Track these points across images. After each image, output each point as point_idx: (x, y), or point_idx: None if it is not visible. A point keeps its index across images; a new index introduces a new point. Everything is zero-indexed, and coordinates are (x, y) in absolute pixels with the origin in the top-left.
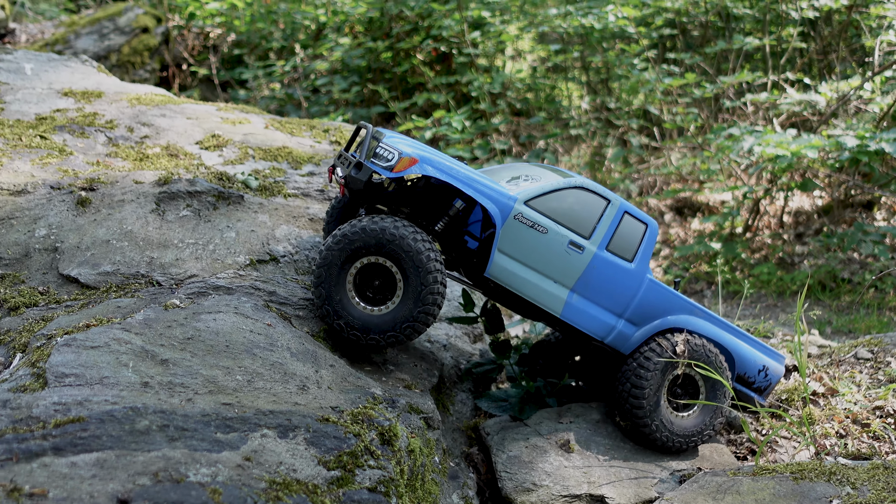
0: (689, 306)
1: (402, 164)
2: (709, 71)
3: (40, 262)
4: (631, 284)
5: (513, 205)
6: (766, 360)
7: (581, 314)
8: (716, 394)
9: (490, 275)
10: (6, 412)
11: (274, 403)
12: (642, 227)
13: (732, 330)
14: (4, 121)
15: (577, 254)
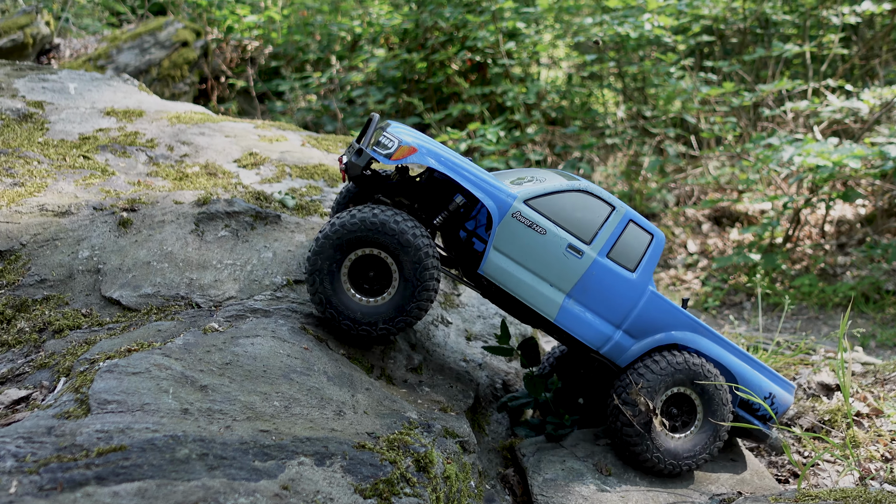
0: (692, 323)
1: (400, 153)
2: (747, 78)
3: (83, 284)
4: (631, 295)
5: (511, 202)
6: (773, 388)
7: (576, 321)
8: (714, 417)
9: (484, 272)
10: (51, 439)
11: (311, 430)
12: (647, 238)
13: (738, 353)
14: (49, 141)
15: (576, 258)
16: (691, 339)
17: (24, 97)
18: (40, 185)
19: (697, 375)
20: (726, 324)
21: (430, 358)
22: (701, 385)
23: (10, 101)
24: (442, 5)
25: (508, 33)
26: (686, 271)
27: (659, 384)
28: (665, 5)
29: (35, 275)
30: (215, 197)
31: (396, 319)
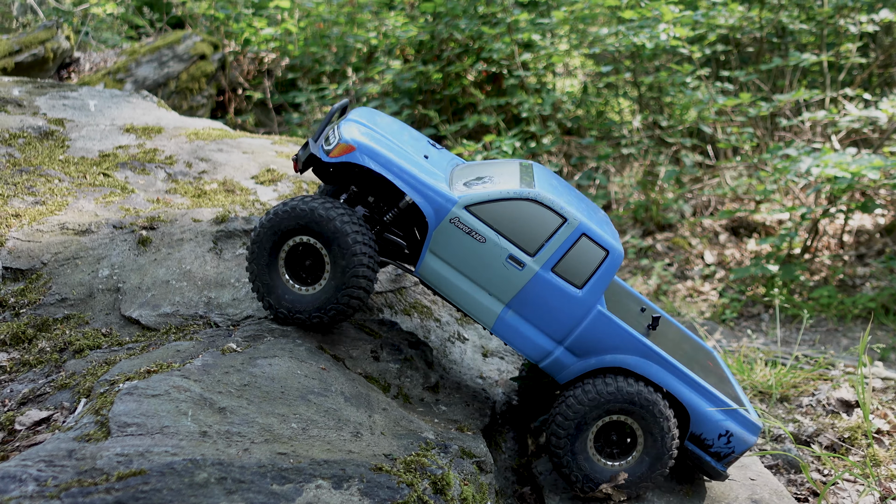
0: (643, 348)
1: (337, 150)
2: (764, 88)
3: (103, 303)
4: (574, 312)
5: (450, 207)
6: (732, 427)
7: (514, 332)
8: (657, 447)
9: (420, 274)
10: (72, 463)
11: (328, 452)
12: (601, 254)
13: (696, 385)
14: (70, 158)
15: (516, 270)
16: (639, 365)
17: (45, 114)
18: (61, 203)
19: (634, 405)
20: (744, 336)
21: (446, 376)
22: (639, 414)
23: (31, 119)
24: (457, 17)
25: (524, 44)
26: (703, 282)
27: (588, 412)
28: (681, 16)
29: (56, 294)
30: (233, 215)
31: (328, 307)
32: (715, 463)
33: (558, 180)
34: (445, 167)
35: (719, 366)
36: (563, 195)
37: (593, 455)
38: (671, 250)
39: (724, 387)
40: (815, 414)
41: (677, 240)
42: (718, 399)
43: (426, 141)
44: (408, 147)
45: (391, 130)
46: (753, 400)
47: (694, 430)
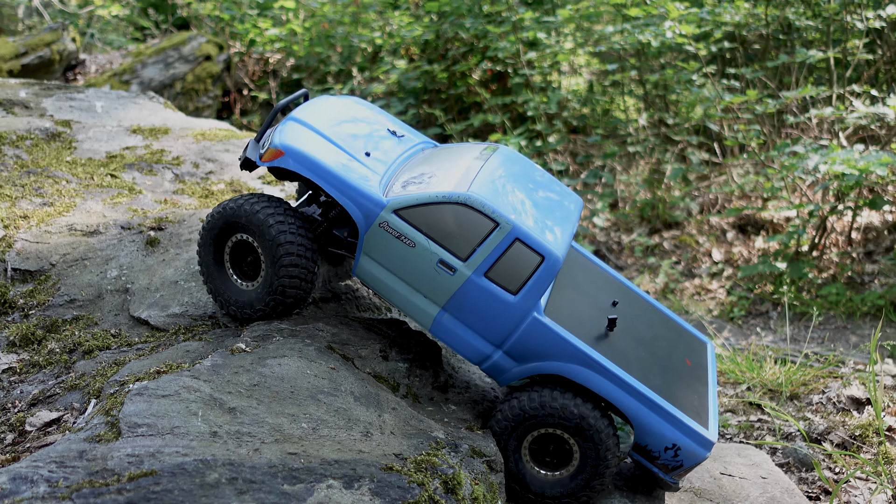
0: (582, 357)
1: (268, 154)
2: (770, 84)
3: (112, 304)
4: (509, 318)
5: (379, 212)
6: (680, 439)
7: (451, 335)
8: (593, 458)
9: (357, 276)
10: (83, 464)
11: (339, 452)
12: (536, 259)
13: (639, 395)
14: (77, 160)
15: (448, 274)
16: (577, 374)
17: (52, 116)
18: (69, 204)
19: (561, 419)
20: (752, 334)
21: (455, 375)
22: (570, 428)
23: (38, 121)
24: (462, 16)
25: (529, 43)
26: (711, 280)
27: (515, 426)
28: (687, 13)
29: (65, 295)
30: None
31: (267, 299)
32: (663, 475)
33: (523, 168)
34: (395, 162)
35: (701, 365)
36: (516, 190)
37: (529, 465)
38: (678, 248)
39: (690, 393)
40: (825, 412)
41: (684, 238)
42: (665, 411)
43: (386, 130)
44: (349, 145)
45: (338, 124)
46: (763, 397)
47: (639, 441)
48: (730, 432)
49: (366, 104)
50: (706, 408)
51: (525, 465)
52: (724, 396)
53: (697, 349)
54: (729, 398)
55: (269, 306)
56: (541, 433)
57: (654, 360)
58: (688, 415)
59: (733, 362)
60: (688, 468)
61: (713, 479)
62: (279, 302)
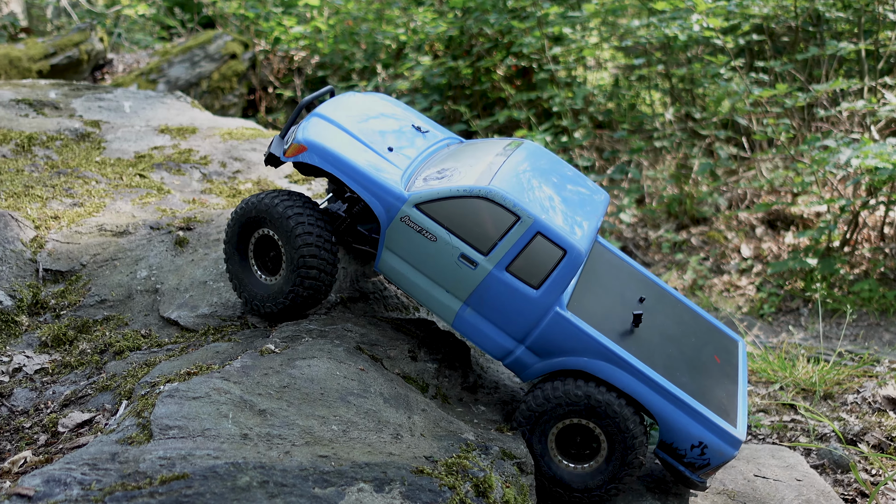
0: (605, 352)
1: (291, 150)
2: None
3: (142, 304)
4: (531, 313)
5: (400, 206)
6: (706, 437)
7: (474, 330)
8: (624, 452)
9: (379, 270)
10: (115, 466)
11: (369, 455)
12: (558, 253)
13: (664, 392)
14: (106, 160)
15: (469, 269)
16: (601, 369)
17: (82, 116)
18: (98, 204)
19: (586, 408)
20: (783, 331)
21: (484, 375)
22: (607, 424)
23: (68, 121)
24: (487, 12)
25: (554, 38)
26: (740, 277)
27: (540, 416)
28: (714, 6)
29: (95, 295)
30: None
31: (287, 293)
32: (690, 473)
33: (547, 163)
34: (418, 157)
35: (731, 363)
36: (540, 184)
37: (555, 457)
38: (706, 244)
39: (718, 390)
40: (860, 412)
41: (712, 233)
42: (691, 408)
43: (411, 125)
44: (372, 140)
45: (362, 121)
46: (796, 397)
47: (664, 439)
48: (763, 433)
49: (391, 100)
50: (735, 406)
51: (552, 458)
52: (756, 396)
53: (728, 346)
54: (761, 398)
55: (288, 299)
56: (567, 424)
57: (681, 357)
58: (715, 412)
59: (765, 361)
60: (715, 467)
61: (747, 481)
62: (298, 294)
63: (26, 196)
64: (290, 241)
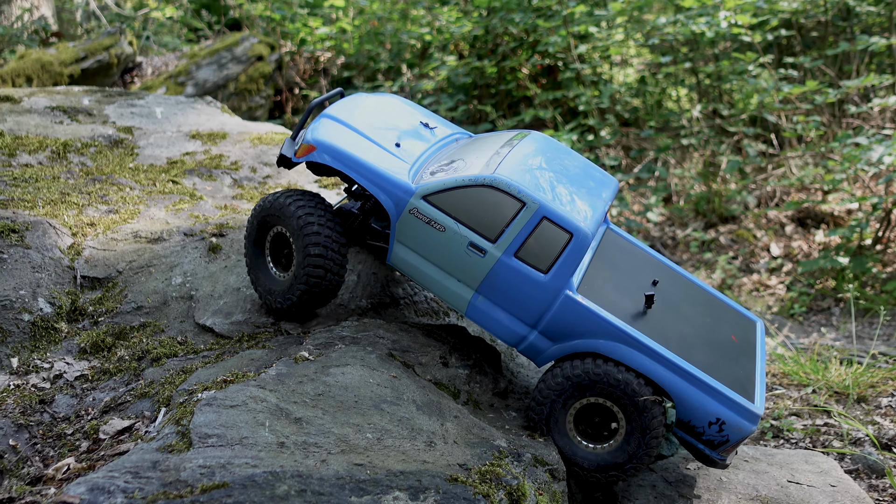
0: (617, 332)
1: (301, 150)
2: (830, 73)
3: (177, 311)
4: (541, 298)
5: (408, 199)
6: (723, 413)
7: (486, 317)
8: (638, 431)
9: (392, 263)
10: (157, 474)
11: (403, 462)
12: (565, 237)
13: (679, 369)
14: (140, 166)
15: (479, 257)
16: (613, 350)
17: (115, 123)
18: (133, 211)
19: (606, 386)
20: (814, 331)
21: (515, 380)
22: (624, 402)
23: (101, 128)
24: (512, 11)
25: (579, 36)
26: (770, 276)
27: (560, 393)
28: (743, 2)
29: (132, 302)
30: None
31: (295, 288)
32: (709, 451)
33: (553, 152)
34: (425, 152)
35: (749, 342)
36: (545, 171)
37: (574, 437)
38: (735, 243)
39: (735, 368)
40: (895, 416)
41: (741, 232)
42: (706, 384)
43: (419, 122)
44: (380, 137)
45: (370, 119)
46: (829, 400)
47: (682, 417)
48: (795, 437)
49: (400, 100)
50: (753, 382)
51: (570, 438)
52: (788, 399)
53: (745, 327)
54: (793, 401)
55: (295, 296)
56: (585, 404)
57: (696, 337)
58: (731, 388)
59: (797, 363)
60: (735, 443)
61: (780, 486)
62: (304, 291)
63: (63, 203)
64: (299, 240)
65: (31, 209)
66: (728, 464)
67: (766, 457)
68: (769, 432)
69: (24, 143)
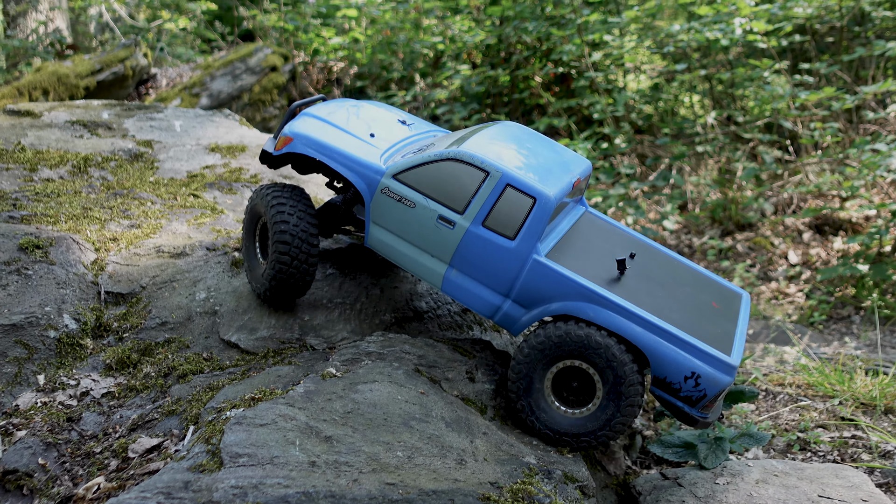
0: (587, 292)
1: (280, 143)
2: (846, 79)
3: (202, 326)
4: (511, 264)
5: (380, 178)
6: (698, 367)
7: (461, 290)
8: (615, 393)
9: (369, 245)
10: (189, 495)
11: (435, 481)
12: (528, 202)
13: (649, 325)
14: (160, 180)
15: (448, 229)
16: (583, 310)
17: (134, 136)
18: (155, 226)
19: (584, 348)
20: (834, 339)
21: None
22: (598, 361)
23: (121, 142)
24: (525, 20)
25: (593, 44)
26: (788, 284)
27: (539, 356)
28: (758, 9)
29: (156, 317)
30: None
31: (269, 278)
32: (688, 409)
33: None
34: (399, 142)
35: (731, 309)
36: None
37: (552, 402)
38: (752, 251)
39: (713, 327)
40: None
41: (759, 239)
42: (678, 338)
43: (397, 120)
44: (355, 128)
45: (347, 116)
46: (856, 412)
47: (657, 374)
48: (823, 449)
49: (383, 105)
50: (730, 340)
51: (547, 403)
52: (814, 411)
53: (729, 297)
54: (819, 413)
55: (271, 285)
56: (563, 367)
57: (673, 302)
58: (706, 342)
59: (821, 374)
60: (712, 398)
61: (811, 502)
62: (273, 277)
63: (85, 218)
64: (271, 229)
65: (53, 224)
66: (710, 420)
67: (795, 471)
68: (796, 444)
69: (45, 157)
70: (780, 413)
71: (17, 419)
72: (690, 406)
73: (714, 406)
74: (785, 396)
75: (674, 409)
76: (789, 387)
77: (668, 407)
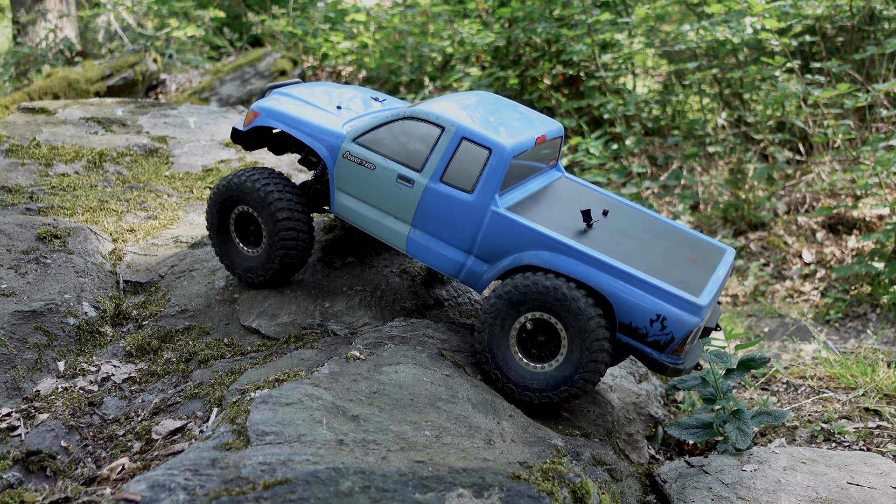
0: (546, 240)
1: (247, 119)
2: (858, 78)
3: (222, 313)
4: (471, 217)
5: (340, 143)
6: (663, 308)
7: (425, 251)
8: (581, 345)
9: (336, 213)
10: (216, 472)
11: (464, 460)
12: (484, 154)
13: (611, 269)
14: (175, 174)
15: (408, 188)
16: (543, 259)
17: (149, 133)
18: (172, 217)
19: (551, 300)
20: (851, 337)
21: None
22: (558, 309)
23: (136, 137)
24: (534, 21)
25: (602, 45)
26: (803, 282)
27: (504, 308)
28: (770, 7)
29: (175, 305)
30: (338, 224)
31: (267, 266)
32: (657, 354)
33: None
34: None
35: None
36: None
37: (518, 358)
38: (766, 250)
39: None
40: None
41: (772, 239)
42: (641, 280)
43: (370, 97)
44: (322, 102)
45: (317, 93)
46: (880, 403)
47: (622, 320)
48: (848, 440)
49: (361, 88)
50: (702, 285)
51: (512, 357)
52: (837, 402)
53: (710, 252)
54: (842, 404)
55: (268, 273)
56: (529, 319)
57: (643, 252)
58: (672, 285)
59: (843, 366)
60: (680, 340)
61: (840, 488)
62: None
63: (102, 210)
64: (265, 211)
65: (70, 216)
66: (683, 367)
67: (823, 458)
68: (820, 435)
69: (60, 153)
70: (802, 405)
71: (38, 403)
72: (659, 351)
73: (685, 351)
74: (807, 388)
75: (644, 357)
76: (810, 379)
77: (638, 356)
